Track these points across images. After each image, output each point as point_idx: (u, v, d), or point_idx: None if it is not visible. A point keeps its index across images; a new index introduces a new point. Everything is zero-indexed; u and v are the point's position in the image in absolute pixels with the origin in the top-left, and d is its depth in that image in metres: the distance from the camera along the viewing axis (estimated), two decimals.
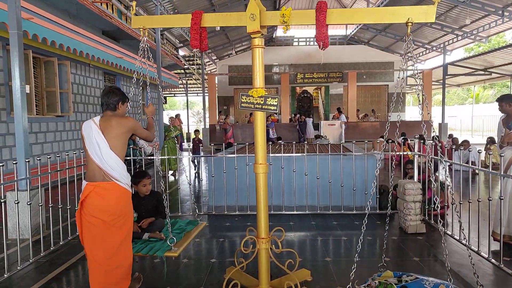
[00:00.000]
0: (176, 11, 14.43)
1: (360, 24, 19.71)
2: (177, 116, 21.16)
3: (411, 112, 29.59)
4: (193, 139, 10.10)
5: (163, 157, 5.58)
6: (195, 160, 9.75)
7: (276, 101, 2.81)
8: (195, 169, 9.84)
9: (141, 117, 14.16)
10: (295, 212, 5.40)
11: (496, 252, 3.71)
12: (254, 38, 2.79)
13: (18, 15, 4.51)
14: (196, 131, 11.13)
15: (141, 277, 3.30)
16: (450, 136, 13.19)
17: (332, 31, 25.30)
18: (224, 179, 5.38)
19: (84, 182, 2.76)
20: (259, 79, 2.83)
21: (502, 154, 3.54)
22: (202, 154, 5.86)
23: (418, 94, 2.68)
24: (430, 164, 3.57)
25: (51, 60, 8.21)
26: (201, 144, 6.92)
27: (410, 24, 2.61)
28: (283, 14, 2.65)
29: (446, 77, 17.94)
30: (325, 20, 2.61)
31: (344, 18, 2.72)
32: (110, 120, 2.77)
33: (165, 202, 3.45)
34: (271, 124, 15.88)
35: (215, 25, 2.91)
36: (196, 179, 8.92)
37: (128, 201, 2.82)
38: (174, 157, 7.21)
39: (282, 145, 7.87)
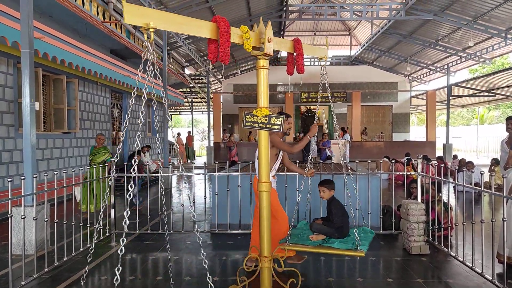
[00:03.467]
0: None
1: (364, 45, 19.99)
2: (189, 133, 21.20)
3: (415, 132, 29.58)
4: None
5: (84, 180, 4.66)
6: (135, 196, 6.61)
7: (279, 121, 2.88)
8: (134, 205, 6.70)
9: (146, 135, 14.30)
10: None
11: (500, 274, 3.66)
12: (259, 59, 2.87)
13: (30, 35, 4.63)
14: (137, 153, 7.22)
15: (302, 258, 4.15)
16: (455, 156, 13.15)
17: (337, 52, 25.69)
18: (228, 197, 5.39)
19: None
20: (263, 99, 2.90)
21: (504, 176, 3.54)
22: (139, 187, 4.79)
23: None
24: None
25: (60, 78, 8.39)
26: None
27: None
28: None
29: (450, 98, 18.02)
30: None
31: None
32: None
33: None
34: (328, 143, 13.25)
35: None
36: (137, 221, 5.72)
37: None
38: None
39: None
